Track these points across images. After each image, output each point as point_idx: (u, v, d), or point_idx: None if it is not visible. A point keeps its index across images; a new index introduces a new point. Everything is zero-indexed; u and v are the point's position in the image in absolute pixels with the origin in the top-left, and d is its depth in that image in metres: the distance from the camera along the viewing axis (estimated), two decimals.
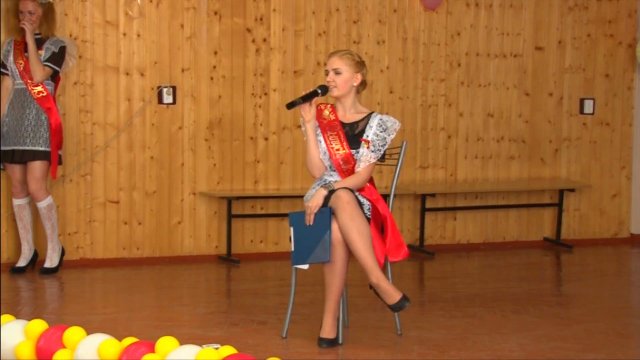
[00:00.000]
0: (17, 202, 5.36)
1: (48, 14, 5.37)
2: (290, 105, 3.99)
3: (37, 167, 5.25)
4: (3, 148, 5.29)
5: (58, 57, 5.32)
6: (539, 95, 6.61)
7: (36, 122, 5.25)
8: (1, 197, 5.39)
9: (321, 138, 3.96)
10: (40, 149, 5.23)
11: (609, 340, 4.05)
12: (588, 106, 6.68)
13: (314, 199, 3.80)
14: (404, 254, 3.93)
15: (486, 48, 6.46)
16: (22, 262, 5.39)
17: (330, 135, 3.95)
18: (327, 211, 3.74)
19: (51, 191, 5.40)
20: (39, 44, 5.29)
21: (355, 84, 3.99)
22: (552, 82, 6.62)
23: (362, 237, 3.69)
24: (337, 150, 3.93)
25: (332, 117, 4.00)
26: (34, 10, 5.27)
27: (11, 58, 5.32)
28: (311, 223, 3.77)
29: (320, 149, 3.96)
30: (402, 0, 6.22)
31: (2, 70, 5.36)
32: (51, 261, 5.37)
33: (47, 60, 5.27)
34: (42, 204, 5.29)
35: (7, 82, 5.36)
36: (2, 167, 5.39)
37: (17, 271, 5.34)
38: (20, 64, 5.29)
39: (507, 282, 5.57)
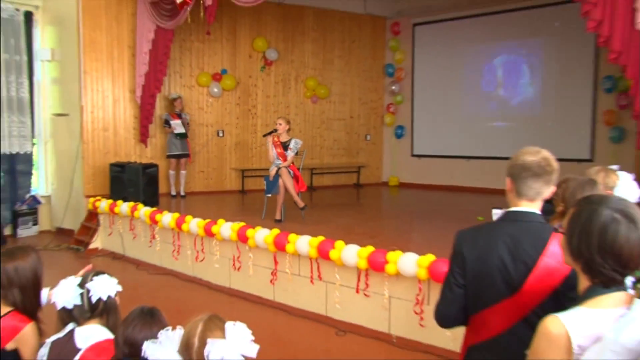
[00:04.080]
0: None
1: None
2: (265, 135, 10.61)
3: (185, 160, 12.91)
4: (178, 153, 12.67)
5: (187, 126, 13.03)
6: None
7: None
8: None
9: (273, 147, 10.43)
10: (188, 152, 12.82)
11: None
12: None
13: (273, 171, 10.18)
14: (304, 189, 10.59)
15: None
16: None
17: (277, 146, 10.35)
18: (277, 176, 10.26)
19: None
20: (179, 115, 12.79)
21: (287, 128, 10.64)
22: None
23: (291, 187, 10.20)
24: (279, 152, 10.20)
25: (276, 139, 10.53)
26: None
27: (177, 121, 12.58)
28: (272, 179, 10.31)
29: (272, 153, 10.35)
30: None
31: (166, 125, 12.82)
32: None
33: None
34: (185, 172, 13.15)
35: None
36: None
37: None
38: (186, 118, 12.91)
39: None
